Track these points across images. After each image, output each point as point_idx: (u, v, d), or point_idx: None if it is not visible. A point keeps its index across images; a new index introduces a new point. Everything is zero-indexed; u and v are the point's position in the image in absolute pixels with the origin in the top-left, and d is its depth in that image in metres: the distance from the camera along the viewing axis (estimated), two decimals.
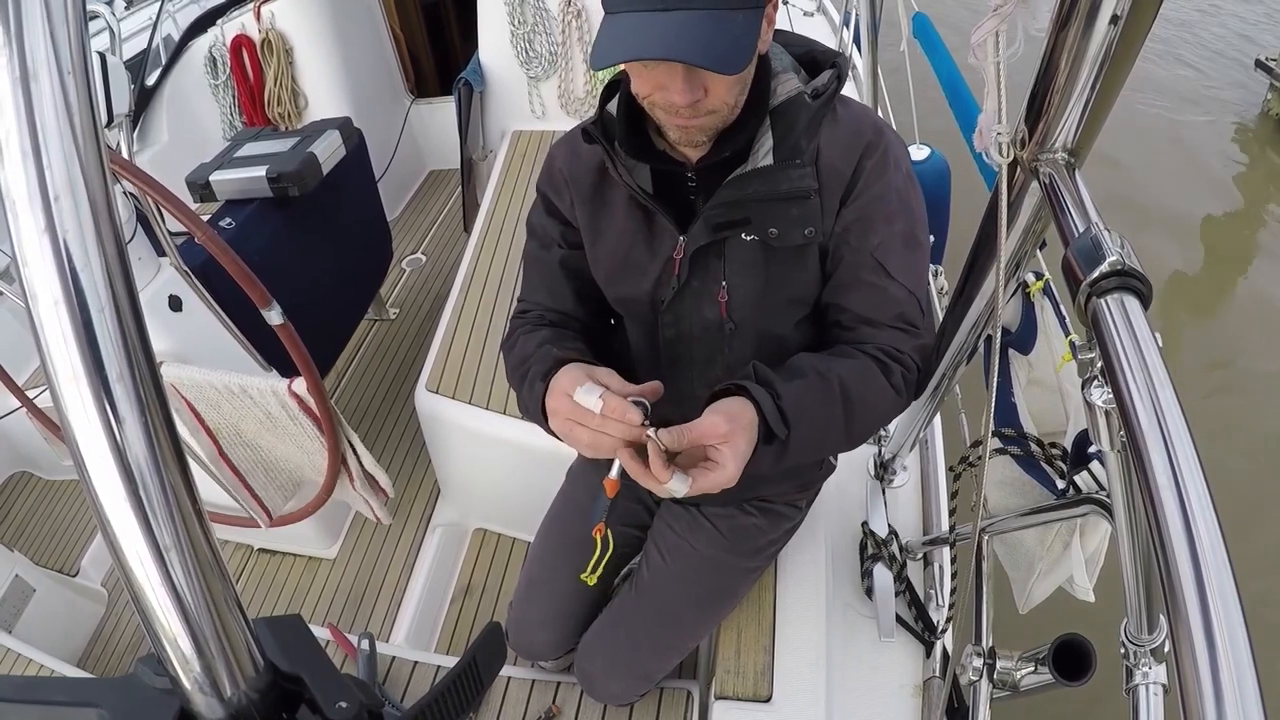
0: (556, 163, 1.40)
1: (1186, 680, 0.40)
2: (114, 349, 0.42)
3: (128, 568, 0.45)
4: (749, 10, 1.04)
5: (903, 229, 1.24)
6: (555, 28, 3.72)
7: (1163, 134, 7.40)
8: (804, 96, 1.19)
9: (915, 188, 1.28)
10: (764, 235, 1.22)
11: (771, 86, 1.21)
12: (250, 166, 2.69)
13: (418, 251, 4.26)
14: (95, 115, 0.43)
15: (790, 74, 1.22)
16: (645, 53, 1.02)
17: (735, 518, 1.66)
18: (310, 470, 2.16)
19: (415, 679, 1.99)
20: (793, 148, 1.18)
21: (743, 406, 1.08)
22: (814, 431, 1.14)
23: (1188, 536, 0.42)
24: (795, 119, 1.18)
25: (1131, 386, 0.46)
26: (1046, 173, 0.77)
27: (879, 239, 1.22)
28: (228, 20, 3.96)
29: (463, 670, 0.63)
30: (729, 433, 1.04)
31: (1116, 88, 0.70)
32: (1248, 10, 9.77)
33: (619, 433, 1.04)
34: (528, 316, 1.45)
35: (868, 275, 1.23)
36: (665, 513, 1.75)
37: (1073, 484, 1.31)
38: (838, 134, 1.22)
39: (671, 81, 1.06)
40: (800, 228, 1.21)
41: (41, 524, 3.03)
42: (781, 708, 1.62)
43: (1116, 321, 0.48)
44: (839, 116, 1.23)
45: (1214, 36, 9.28)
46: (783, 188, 1.19)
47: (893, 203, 1.22)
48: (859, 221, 1.22)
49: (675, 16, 1.01)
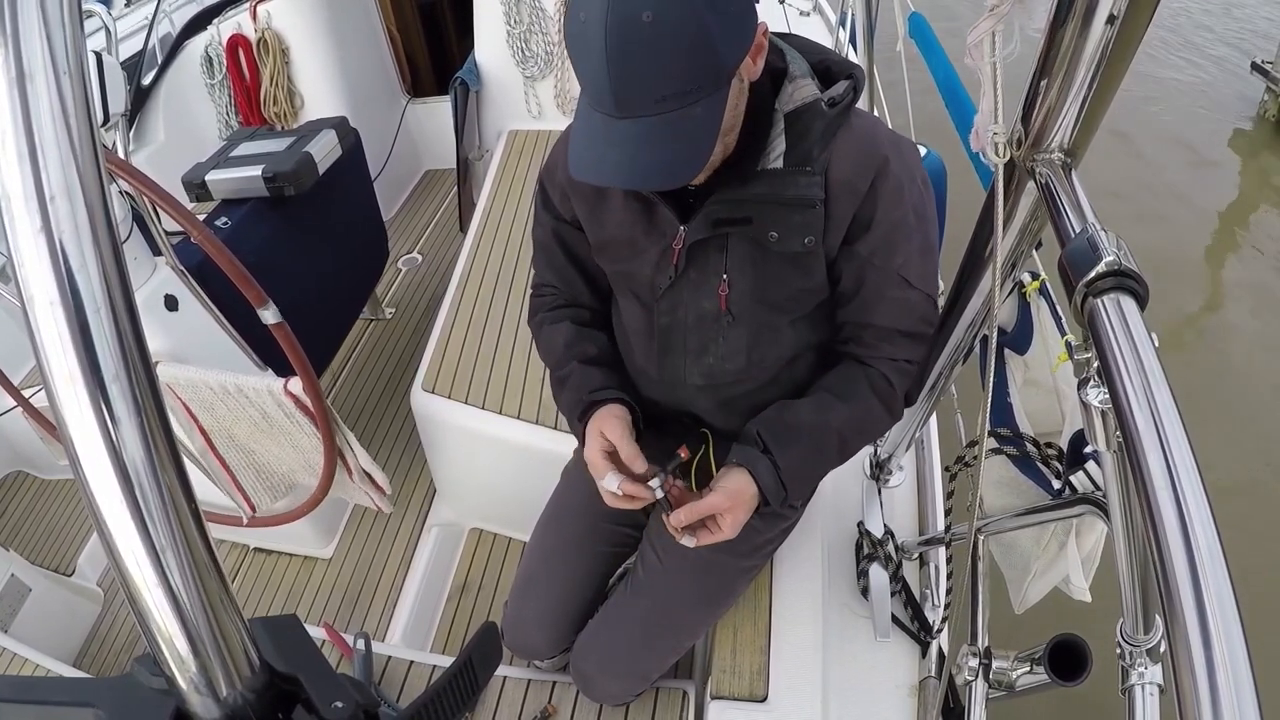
0: (557, 159, 1.41)
1: (1182, 680, 0.40)
2: (110, 349, 0.42)
3: (123, 567, 0.45)
4: (708, 97, 1.02)
5: (920, 241, 1.25)
6: (551, 27, 3.72)
7: (1159, 134, 7.41)
8: (820, 104, 1.18)
9: (929, 193, 1.28)
10: (763, 238, 1.22)
11: (787, 90, 1.19)
12: (246, 166, 2.69)
13: (414, 251, 4.26)
14: (91, 115, 0.43)
15: (807, 80, 1.20)
16: (601, 178, 1.08)
17: None
18: (305, 472, 2.16)
19: (411, 679, 1.99)
20: (805, 154, 1.18)
21: (746, 483, 1.27)
22: (809, 485, 1.35)
23: (1184, 536, 0.42)
24: (810, 126, 1.18)
25: (1127, 387, 0.46)
26: (1043, 173, 0.77)
27: (902, 258, 1.23)
28: (224, 20, 3.95)
29: (458, 670, 0.63)
30: (731, 508, 1.25)
31: (1113, 88, 0.70)
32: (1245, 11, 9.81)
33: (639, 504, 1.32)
34: (545, 297, 1.58)
35: (893, 291, 1.25)
36: (662, 512, 1.75)
37: (1069, 484, 1.31)
38: (850, 147, 1.20)
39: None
40: (801, 235, 1.21)
41: (37, 523, 3.03)
42: (777, 707, 1.62)
43: (1113, 322, 0.48)
44: (853, 128, 1.21)
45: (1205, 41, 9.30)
46: (789, 193, 1.18)
47: (911, 222, 1.23)
48: (883, 247, 1.23)
49: (631, 127, 1.01)
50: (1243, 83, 8.08)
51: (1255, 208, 6.74)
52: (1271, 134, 7.47)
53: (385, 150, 4.44)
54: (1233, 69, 8.54)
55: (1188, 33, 9.38)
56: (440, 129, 4.48)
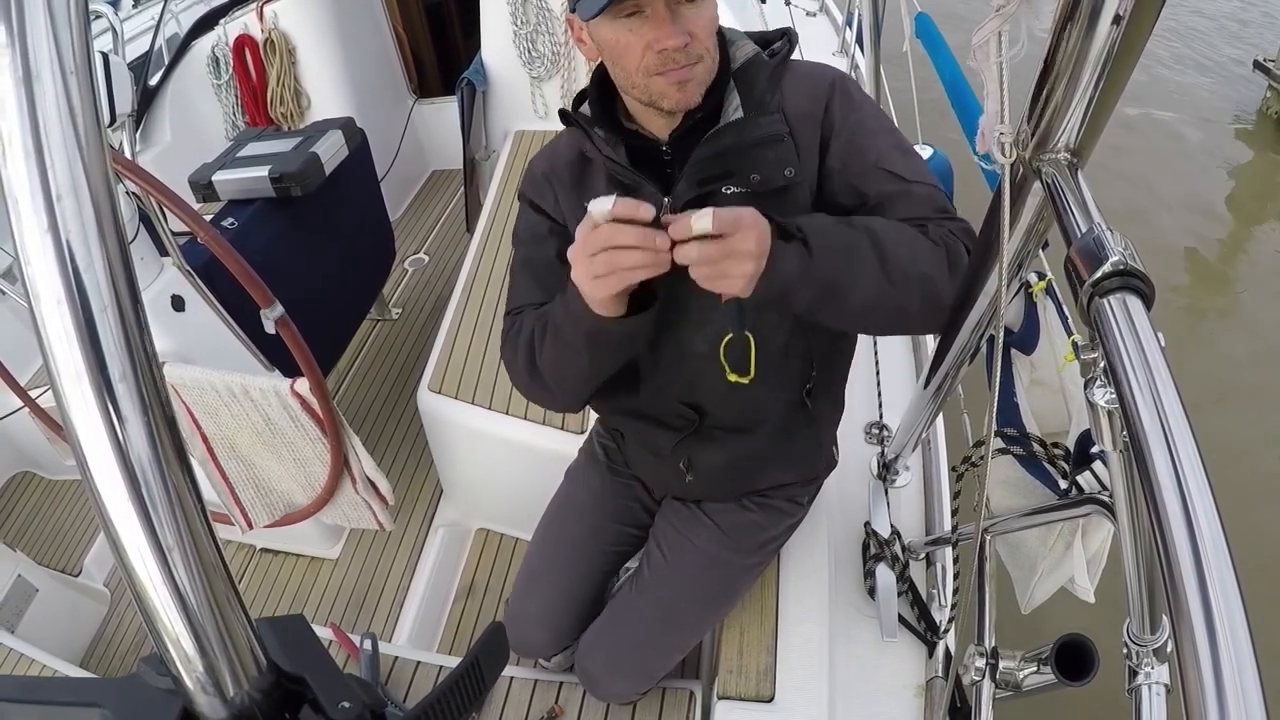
0: (535, 167, 1.45)
1: (1189, 680, 0.40)
2: (116, 349, 0.42)
3: (130, 567, 0.45)
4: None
5: (890, 140, 1.29)
6: (558, 27, 3.72)
7: (1161, 133, 7.40)
8: (761, 56, 1.28)
9: (886, 116, 1.35)
10: (747, 184, 1.25)
11: (732, 54, 1.28)
12: (253, 166, 2.70)
13: (420, 251, 4.26)
14: (98, 115, 0.43)
15: (746, 42, 1.30)
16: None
17: (734, 513, 1.67)
18: (302, 492, 2.16)
19: (418, 679, 1.99)
20: (759, 101, 1.25)
21: (754, 214, 1.05)
22: (833, 243, 1.12)
23: (1190, 536, 0.42)
24: (756, 76, 1.26)
25: (1134, 386, 0.46)
26: (1049, 173, 0.77)
27: (875, 154, 1.26)
28: (230, 20, 3.96)
29: (465, 670, 0.63)
30: (740, 220, 1.01)
31: (1119, 88, 0.70)
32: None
33: (637, 238, 1.00)
34: (522, 319, 1.43)
35: (887, 186, 1.25)
36: (666, 510, 1.77)
37: (1075, 484, 1.31)
38: (799, 83, 1.29)
39: (659, 28, 1.12)
40: (780, 169, 1.25)
41: (44, 524, 3.04)
42: (784, 708, 1.62)
43: (1119, 321, 0.48)
44: (795, 69, 1.31)
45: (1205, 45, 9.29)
46: (755, 134, 1.23)
47: (870, 124, 1.28)
48: (851, 151, 1.27)
49: None
50: (1245, 81, 8.09)
51: (1259, 205, 6.73)
52: (1273, 131, 7.46)
53: (392, 150, 4.45)
54: (1235, 67, 8.55)
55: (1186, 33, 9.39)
56: (447, 129, 4.48)
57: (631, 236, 1.00)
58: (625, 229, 1.00)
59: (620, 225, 1.00)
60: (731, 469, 1.59)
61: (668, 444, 1.55)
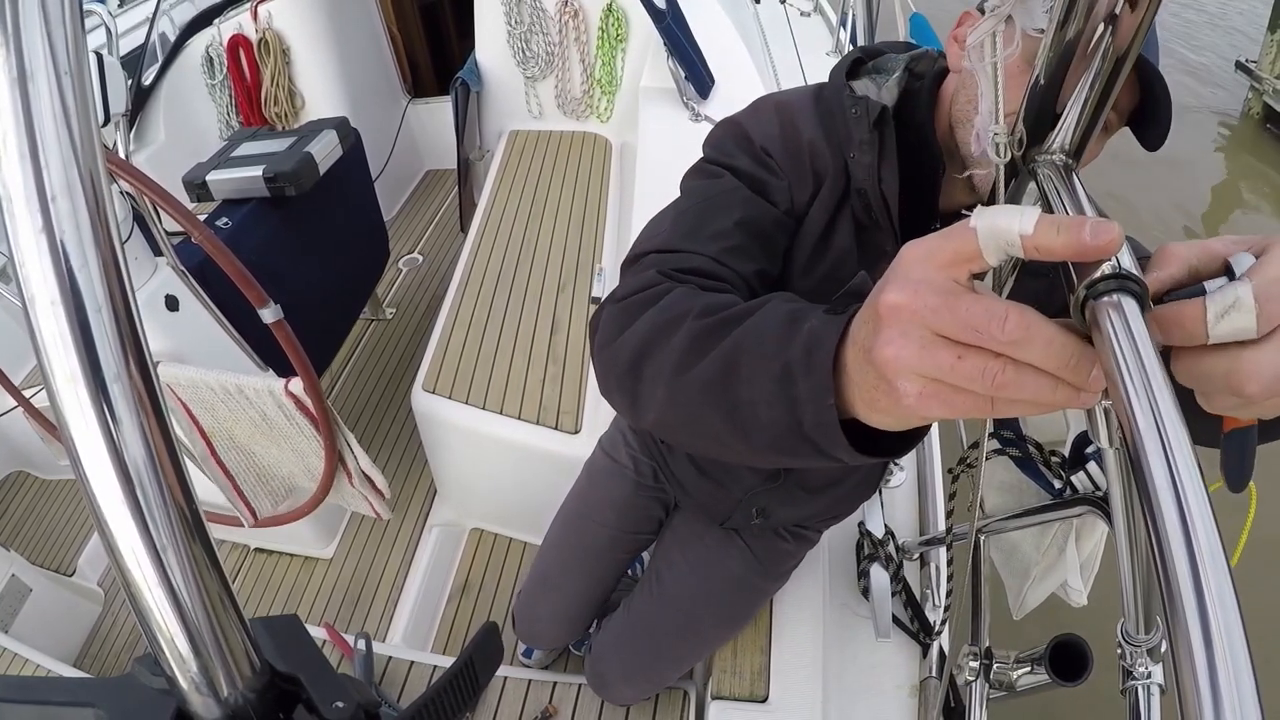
0: (803, 135, 1.03)
1: (1184, 680, 0.40)
2: (111, 349, 0.42)
3: (124, 567, 0.45)
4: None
5: None
6: (552, 28, 3.73)
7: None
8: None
9: None
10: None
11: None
12: (247, 166, 2.69)
13: (414, 251, 4.26)
14: (92, 115, 0.43)
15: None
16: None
17: (769, 540, 1.61)
18: (304, 476, 2.16)
19: (412, 679, 1.99)
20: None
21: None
22: None
23: (1185, 536, 0.42)
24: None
25: (1129, 386, 0.46)
26: (1044, 174, 0.77)
27: None
28: (224, 20, 3.95)
29: (459, 670, 0.63)
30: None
31: (1114, 88, 0.70)
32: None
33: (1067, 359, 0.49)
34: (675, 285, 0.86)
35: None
36: (694, 524, 1.67)
37: (1070, 485, 1.31)
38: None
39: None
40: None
41: (38, 523, 3.03)
42: (778, 708, 1.62)
43: (1114, 323, 0.48)
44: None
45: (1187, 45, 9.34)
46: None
47: None
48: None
49: None
50: (1228, 81, 8.14)
51: (1241, 205, 6.76)
52: (1256, 132, 7.49)
53: (386, 150, 4.44)
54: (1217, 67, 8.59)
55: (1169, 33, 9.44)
56: (441, 129, 4.49)
57: (1061, 354, 0.48)
58: (1058, 340, 0.48)
59: (1037, 323, 0.48)
60: (805, 516, 1.55)
61: (741, 490, 1.45)
